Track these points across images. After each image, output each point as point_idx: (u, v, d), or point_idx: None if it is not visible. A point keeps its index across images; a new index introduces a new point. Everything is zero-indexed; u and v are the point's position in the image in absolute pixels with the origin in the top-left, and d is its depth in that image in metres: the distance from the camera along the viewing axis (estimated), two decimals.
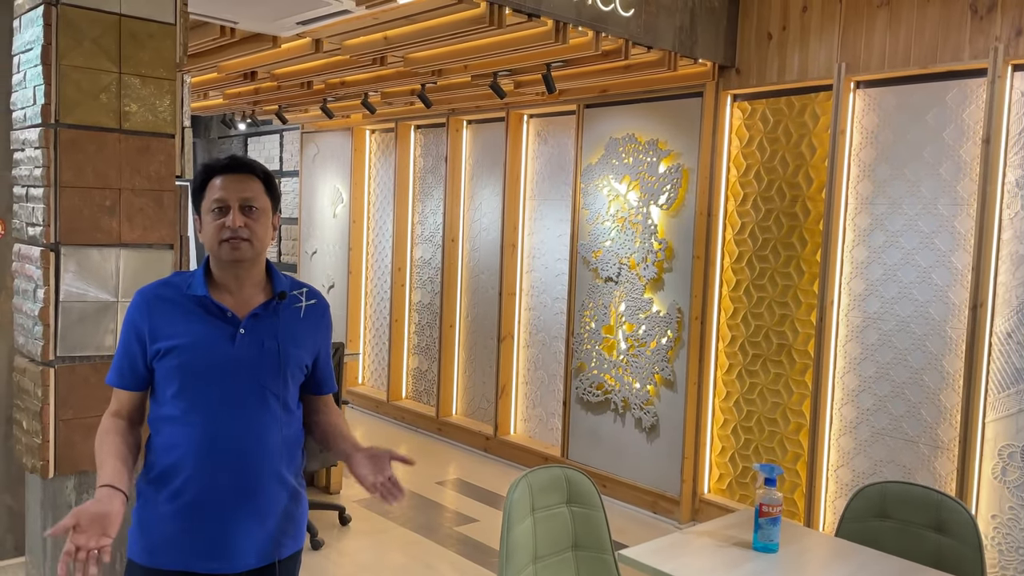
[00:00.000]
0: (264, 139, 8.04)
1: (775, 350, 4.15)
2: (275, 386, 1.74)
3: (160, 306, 1.73)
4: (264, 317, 1.76)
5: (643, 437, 4.65)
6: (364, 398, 6.71)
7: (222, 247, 1.71)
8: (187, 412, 1.69)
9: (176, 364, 1.69)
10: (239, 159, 1.77)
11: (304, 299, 1.83)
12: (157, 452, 1.72)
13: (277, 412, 1.74)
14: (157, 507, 1.70)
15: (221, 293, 1.75)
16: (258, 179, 1.76)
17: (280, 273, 1.84)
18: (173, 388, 1.70)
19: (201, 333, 1.71)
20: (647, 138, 4.61)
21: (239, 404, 1.70)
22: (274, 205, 1.80)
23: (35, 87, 2.26)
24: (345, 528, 4.25)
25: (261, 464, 1.71)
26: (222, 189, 1.72)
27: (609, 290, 4.82)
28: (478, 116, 5.76)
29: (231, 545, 1.69)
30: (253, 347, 1.72)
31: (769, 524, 2.18)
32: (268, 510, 1.72)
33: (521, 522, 2.47)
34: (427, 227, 6.28)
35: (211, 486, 1.68)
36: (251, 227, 1.72)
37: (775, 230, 4.14)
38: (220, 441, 1.69)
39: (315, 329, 1.85)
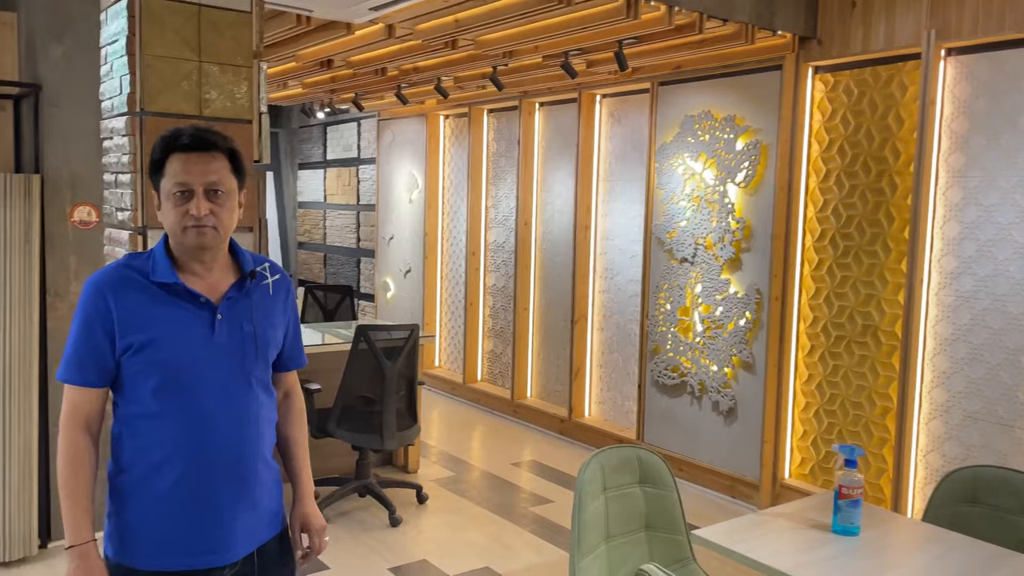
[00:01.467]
0: (342, 127, 8.21)
1: (860, 331, 4.00)
2: (258, 371, 1.67)
3: (125, 294, 1.57)
4: (238, 299, 1.65)
5: (720, 420, 4.57)
6: (440, 380, 6.81)
7: (186, 234, 1.58)
8: (171, 407, 1.58)
9: (154, 359, 1.56)
10: (201, 134, 1.60)
11: (269, 274, 1.73)
12: (136, 451, 1.60)
13: (260, 396, 1.68)
14: (144, 508, 1.59)
15: (188, 277, 1.62)
16: (223, 156, 1.61)
17: (243, 250, 1.72)
18: (152, 383, 1.57)
19: (177, 323, 1.58)
20: (724, 114, 4.49)
21: (225, 393, 1.61)
22: (240, 182, 1.65)
23: (121, 77, 2.36)
24: (422, 506, 4.33)
25: (251, 451, 1.65)
26: (185, 172, 1.57)
27: (685, 271, 4.73)
28: (550, 98, 5.73)
29: (227, 536, 1.62)
30: (232, 333, 1.63)
31: (849, 506, 2.11)
32: (259, 495, 1.67)
33: (593, 501, 2.46)
34: (500, 211, 6.30)
35: (205, 480, 1.59)
36: (217, 213, 1.59)
37: (860, 206, 3.98)
38: (210, 433, 1.60)
39: (283, 305, 1.76)
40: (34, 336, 3.37)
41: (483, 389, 6.38)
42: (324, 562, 3.61)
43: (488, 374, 6.51)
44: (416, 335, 4.10)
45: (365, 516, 4.15)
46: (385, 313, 7.51)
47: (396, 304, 7.37)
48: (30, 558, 3.44)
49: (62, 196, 3.58)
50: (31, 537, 3.42)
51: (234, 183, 1.63)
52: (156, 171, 1.60)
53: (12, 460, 3.35)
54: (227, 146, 1.63)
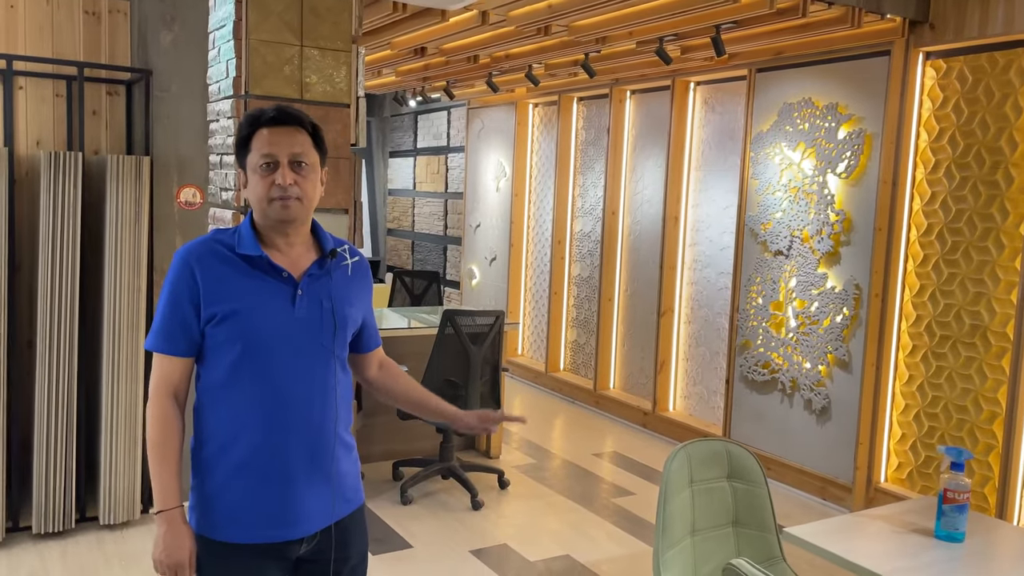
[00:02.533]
0: (432, 116, 8.30)
1: (967, 331, 3.79)
2: (335, 347, 1.68)
3: (211, 265, 1.61)
4: (318, 277, 1.68)
5: (813, 419, 4.42)
6: (523, 368, 6.82)
7: (272, 205, 1.60)
8: (249, 379, 1.60)
9: (237, 329, 1.59)
10: (286, 109, 1.64)
11: (349, 256, 1.75)
12: (216, 423, 1.64)
13: (338, 373, 1.70)
14: (222, 480, 1.63)
15: (272, 252, 1.65)
16: (306, 132, 1.64)
17: (323, 229, 1.74)
18: (233, 354, 1.60)
19: (261, 295, 1.61)
20: (825, 102, 4.32)
21: (304, 367, 1.64)
22: (322, 159, 1.68)
23: (227, 61, 2.44)
24: (504, 492, 4.36)
25: (328, 426, 1.67)
26: (270, 144, 1.60)
27: (779, 264, 4.59)
28: (642, 86, 5.64)
29: (301, 510, 1.64)
30: (313, 308, 1.65)
31: (955, 511, 2.00)
32: (330, 470, 1.68)
33: (679, 493, 2.41)
34: (588, 200, 6.25)
35: (279, 453, 1.62)
36: (301, 185, 1.61)
37: (971, 200, 3.77)
38: (287, 406, 1.62)
39: (362, 287, 1.78)
40: (141, 311, 3.54)
41: (565, 379, 6.37)
42: (408, 541, 3.67)
43: (571, 364, 6.49)
44: (501, 321, 4.12)
45: (448, 498, 4.21)
46: (470, 300, 7.57)
47: (481, 291, 7.42)
48: (133, 522, 3.63)
49: (169, 178, 3.75)
50: (135, 502, 3.61)
51: (317, 157, 1.65)
52: (243, 147, 1.64)
53: (120, 428, 3.53)
54: (310, 122, 1.66)
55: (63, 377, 3.42)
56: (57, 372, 3.41)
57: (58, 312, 3.40)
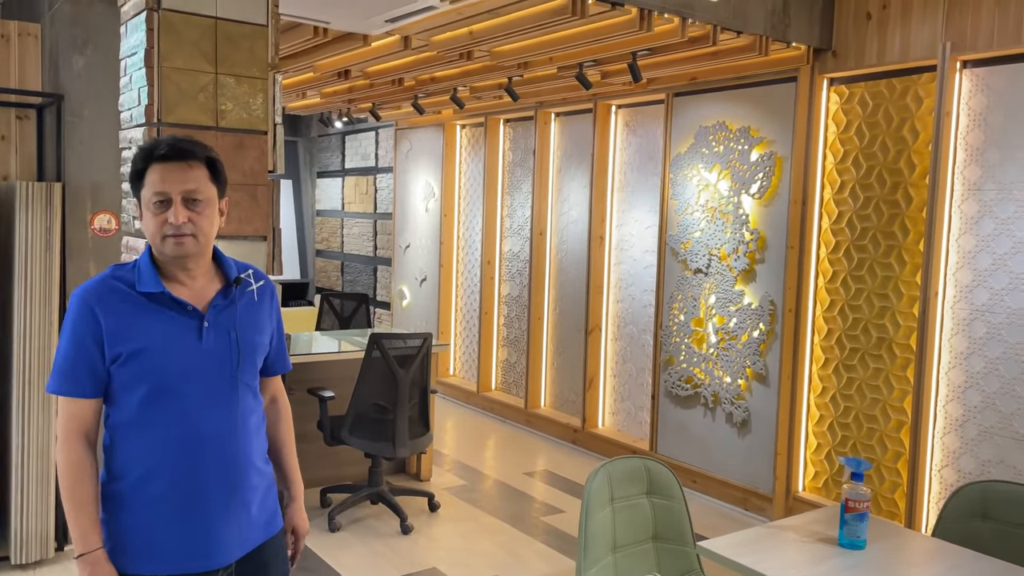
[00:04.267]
0: (360, 136, 8.28)
1: (875, 344, 3.98)
2: (245, 376, 1.69)
3: (112, 304, 1.59)
4: (223, 307, 1.67)
5: (734, 432, 4.55)
6: (455, 389, 6.83)
7: (165, 242, 1.60)
8: (159, 416, 1.60)
9: (143, 368, 1.59)
10: (180, 144, 1.62)
11: (254, 281, 1.75)
12: (128, 459, 1.62)
13: (248, 402, 1.70)
14: (137, 514, 1.62)
15: (174, 285, 1.64)
16: (202, 165, 1.63)
17: (226, 256, 1.74)
18: (141, 392, 1.59)
19: (165, 332, 1.60)
20: (738, 125, 4.50)
21: (215, 400, 1.64)
22: (220, 191, 1.67)
23: (139, 89, 2.41)
24: (434, 514, 4.35)
25: (240, 457, 1.67)
26: (163, 181, 1.58)
27: (699, 282, 4.73)
28: (566, 108, 5.76)
29: (217, 541, 1.65)
30: (220, 339, 1.65)
31: (855, 520, 2.10)
32: (250, 499, 1.70)
33: (600, 511, 2.46)
34: (516, 220, 6.33)
35: (195, 487, 1.62)
36: (195, 221, 1.60)
37: (875, 218, 3.97)
38: (201, 440, 1.62)
39: (270, 311, 1.78)
40: (52, 345, 3.43)
41: (497, 398, 6.40)
42: (336, 569, 3.63)
43: (502, 383, 6.53)
44: (429, 344, 4.13)
45: (377, 523, 4.18)
46: (401, 321, 7.55)
47: (411, 312, 7.41)
48: (46, 560, 3.49)
49: (82, 204, 3.65)
50: (48, 540, 3.47)
51: (213, 191, 1.64)
52: (136, 181, 1.63)
53: (31, 464, 3.40)
54: (205, 155, 1.64)
55: None
56: None
57: None
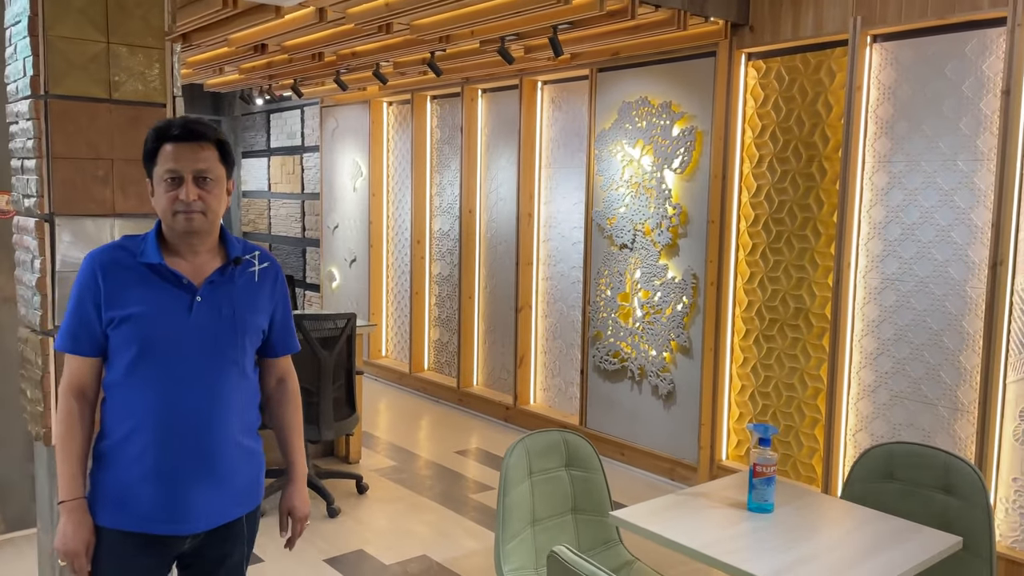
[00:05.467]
0: (285, 115, 8.08)
1: (792, 314, 4.07)
2: (233, 354, 1.75)
3: (114, 272, 1.69)
4: (220, 284, 1.75)
5: (660, 404, 4.62)
6: (387, 370, 6.76)
7: (176, 218, 1.69)
8: (144, 381, 1.69)
9: (133, 333, 1.68)
10: (192, 125, 1.71)
11: (257, 263, 1.82)
12: (114, 418, 1.72)
13: (234, 378, 1.75)
14: (116, 472, 1.71)
15: (175, 259, 1.73)
16: (212, 147, 1.71)
17: (233, 237, 1.82)
18: (129, 356, 1.69)
19: (158, 302, 1.69)
20: (660, 101, 4.52)
21: (197, 373, 1.70)
22: (228, 172, 1.76)
23: (24, 59, 2.28)
24: (362, 496, 4.30)
25: (219, 432, 1.73)
26: (175, 160, 1.67)
27: (624, 257, 4.76)
28: (492, 84, 5.71)
29: (188, 509, 1.72)
30: (211, 315, 1.72)
31: (763, 484, 2.14)
32: (224, 474, 1.75)
33: (518, 485, 2.46)
34: (445, 199, 6.26)
35: (168, 452, 1.69)
36: (205, 199, 1.69)
37: (791, 192, 4.04)
38: (178, 410, 1.69)
39: (271, 292, 1.84)
40: None
41: (429, 378, 6.36)
42: (257, 554, 3.56)
43: (435, 363, 6.49)
44: (353, 324, 4.06)
45: None
46: (331, 303, 7.43)
47: (342, 294, 7.30)
48: None
49: None
50: None
51: (222, 172, 1.73)
52: (149, 160, 1.71)
53: None
54: (216, 137, 1.73)
55: None
56: None
57: None
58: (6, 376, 3.51)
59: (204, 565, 1.84)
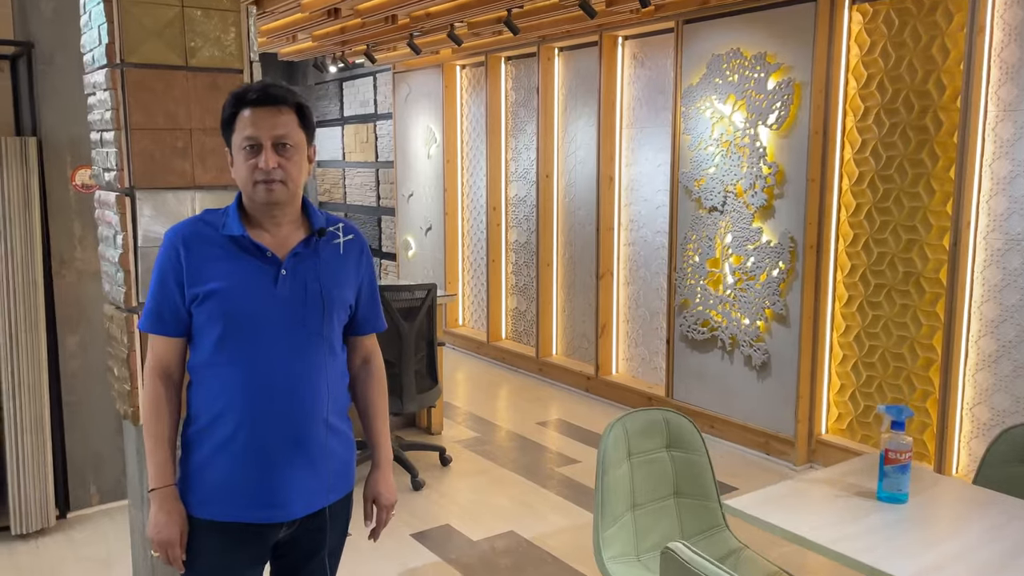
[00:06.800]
0: (358, 82, 7.99)
1: (901, 279, 3.77)
2: (321, 328, 1.65)
3: (196, 246, 1.62)
4: (305, 256, 1.66)
5: (753, 375, 4.38)
6: (465, 339, 6.69)
7: (256, 188, 1.60)
8: (231, 359, 1.61)
9: (218, 309, 1.60)
10: (270, 89, 1.61)
11: (342, 234, 1.72)
12: (202, 401, 1.65)
13: (323, 355, 1.66)
14: (205, 457, 1.64)
15: (258, 232, 1.64)
16: (291, 111, 1.61)
17: (316, 208, 1.73)
18: (215, 334, 1.61)
19: (242, 275, 1.61)
20: (754, 52, 4.22)
21: (285, 350, 1.62)
22: (309, 137, 1.66)
23: (99, 26, 2.20)
24: (446, 469, 4.23)
25: (309, 409, 1.64)
26: (253, 125, 1.58)
27: (714, 221, 4.51)
28: (570, 42, 5.47)
29: (282, 493, 1.63)
30: (296, 288, 1.63)
31: (897, 472, 1.93)
32: (317, 455, 1.66)
33: (617, 467, 2.31)
34: (521, 164, 6.09)
35: (260, 434, 1.61)
36: (285, 167, 1.59)
37: (901, 146, 3.72)
38: (267, 387, 1.61)
39: (356, 265, 1.75)
40: (39, 304, 3.27)
41: (508, 347, 6.25)
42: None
43: (513, 332, 6.37)
44: (433, 295, 3.96)
45: None
46: (407, 272, 7.38)
47: (418, 262, 7.23)
48: (48, 529, 3.40)
49: (62, 159, 3.46)
50: (48, 508, 3.38)
51: (302, 137, 1.63)
52: (227, 127, 1.63)
53: (25, 430, 3.29)
54: (295, 100, 1.62)
55: None
56: None
57: None
58: (98, 350, 3.53)
59: (298, 555, 1.75)
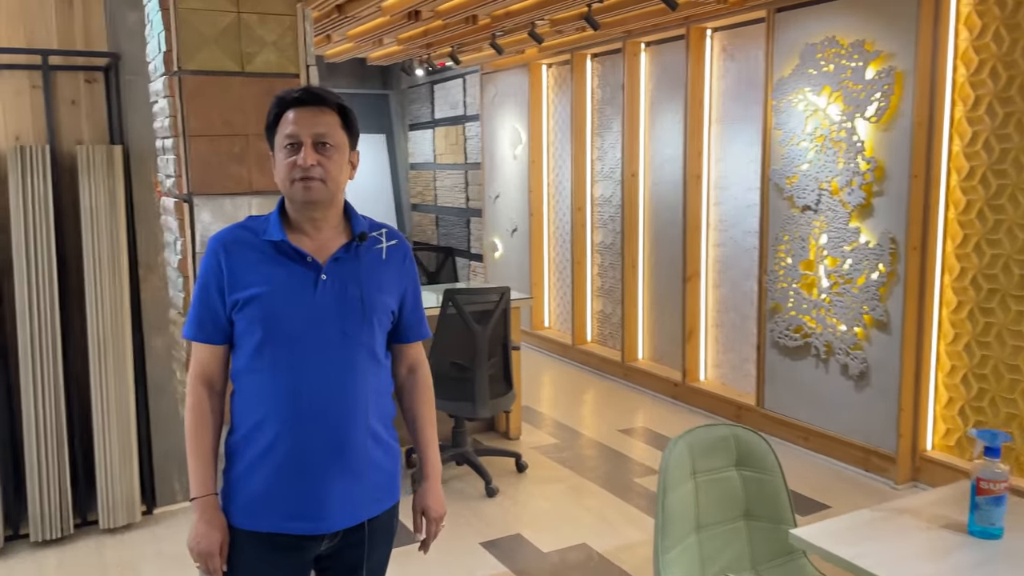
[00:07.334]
0: (448, 85, 8.03)
1: (1017, 283, 3.43)
2: (361, 334, 1.61)
3: (237, 252, 1.61)
4: (345, 261, 1.63)
5: (851, 385, 4.09)
6: (549, 342, 6.59)
7: (294, 187, 1.57)
8: (271, 365, 1.58)
9: (257, 314, 1.58)
10: (313, 90, 1.60)
11: (384, 240, 1.69)
12: (242, 409, 1.63)
13: (364, 362, 1.62)
14: (246, 467, 1.62)
15: (299, 236, 1.62)
16: (333, 112, 1.60)
17: (359, 214, 1.69)
18: (254, 340, 1.59)
19: (281, 280, 1.58)
20: (851, 39, 3.94)
21: (325, 356, 1.58)
22: (352, 141, 1.63)
23: (158, 34, 2.23)
24: (521, 475, 4.15)
25: (350, 417, 1.60)
26: (294, 123, 1.57)
27: (807, 220, 4.24)
28: (656, 36, 5.28)
29: (323, 504, 1.60)
30: (336, 293, 1.60)
31: (990, 504, 1.71)
32: (359, 466, 1.62)
33: (680, 486, 2.17)
34: (607, 163, 5.94)
35: (300, 442, 1.58)
36: (324, 165, 1.56)
37: (1016, 138, 3.38)
38: (306, 395, 1.58)
39: (399, 271, 1.70)
40: (125, 308, 3.38)
41: (593, 351, 6.11)
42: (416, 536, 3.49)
43: (598, 335, 6.23)
44: (507, 298, 3.88)
45: (462, 486, 4.02)
46: (493, 273, 7.35)
47: (503, 264, 7.18)
48: (134, 525, 3.52)
49: (147, 166, 3.56)
50: (134, 504, 3.50)
51: (344, 139, 1.61)
52: (270, 130, 1.62)
53: (113, 429, 3.41)
54: (337, 102, 1.62)
55: (48, 380, 3.30)
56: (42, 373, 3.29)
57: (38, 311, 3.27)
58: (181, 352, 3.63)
59: (340, 568, 1.71)
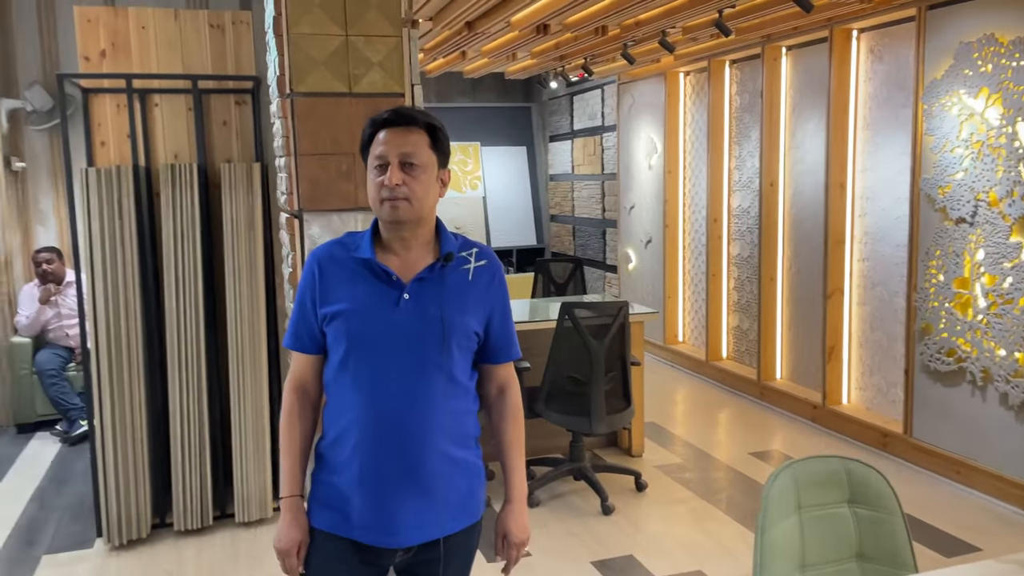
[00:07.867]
0: (587, 95, 8.01)
1: None
2: (439, 357, 1.62)
3: (330, 268, 1.66)
4: (429, 281, 1.64)
5: (1011, 416, 3.69)
6: (683, 357, 6.40)
7: (382, 206, 1.60)
8: (353, 378, 1.62)
9: (342, 329, 1.62)
10: (403, 110, 1.64)
11: (473, 260, 1.69)
12: (330, 418, 1.69)
13: (440, 385, 1.63)
14: (330, 473, 1.67)
15: (387, 255, 1.65)
16: (422, 131, 1.62)
17: (450, 233, 1.70)
18: (340, 353, 1.64)
19: (366, 298, 1.62)
20: (1011, 37, 3.56)
21: (400, 375, 1.60)
22: (441, 160, 1.64)
23: (274, 60, 2.36)
24: (640, 495, 4.04)
25: (422, 439, 1.61)
26: (383, 144, 1.60)
27: (962, 234, 3.87)
28: (797, 40, 5.02)
29: (394, 518, 1.62)
30: (417, 313, 1.62)
31: None
32: (430, 486, 1.63)
33: (783, 520, 2.02)
34: (744, 173, 5.70)
35: (374, 456, 1.61)
36: (410, 185, 1.58)
37: None
38: (381, 413, 1.60)
39: (485, 292, 1.70)
40: (260, 315, 3.61)
41: (728, 368, 5.87)
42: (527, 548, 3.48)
43: (734, 351, 5.98)
44: (625, 313, 3.80)
45: (578, 501, 3.97)
46: (628, 285, 7.23)
47: (638, 276, 7.06)
48: (266, 520, 3.73)
49: None
50: (266, 499, 3.71)
51: (432, 158, 1.62)
52: (364, 151, 1.65)
53: (248, 430, 3.64)
54: (426, 121, 1.63)
55: (192, 385, 3.57)
56: (187, 375, 3.56)
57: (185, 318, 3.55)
58: None
59: None
